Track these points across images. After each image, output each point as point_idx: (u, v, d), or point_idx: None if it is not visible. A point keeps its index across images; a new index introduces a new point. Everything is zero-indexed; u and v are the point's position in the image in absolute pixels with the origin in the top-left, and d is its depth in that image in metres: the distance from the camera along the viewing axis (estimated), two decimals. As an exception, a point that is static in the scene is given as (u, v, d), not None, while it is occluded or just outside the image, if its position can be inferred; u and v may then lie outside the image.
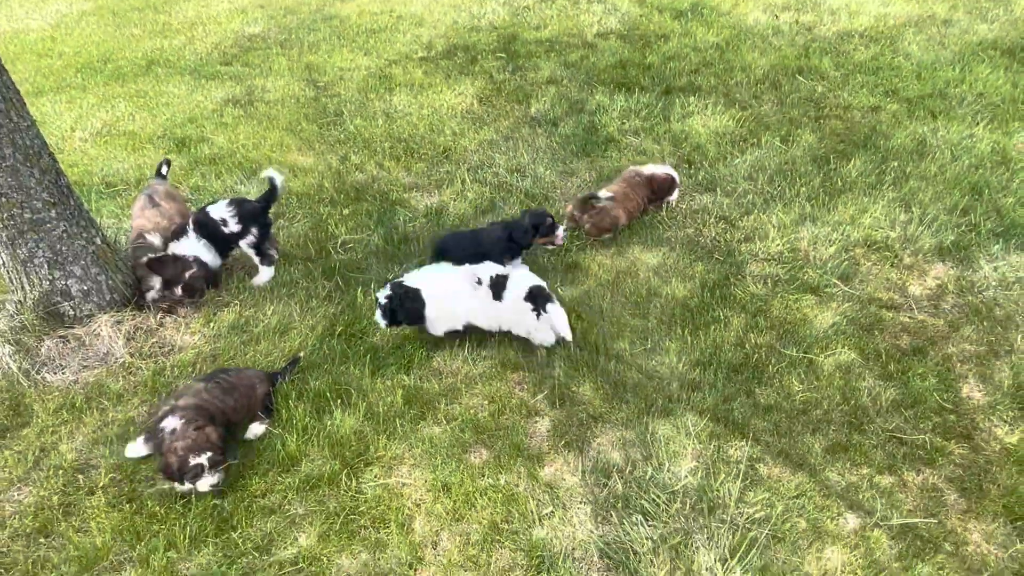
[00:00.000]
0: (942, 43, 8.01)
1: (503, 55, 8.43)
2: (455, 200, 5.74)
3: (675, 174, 5.40)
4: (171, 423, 3.37)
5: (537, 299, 3.96)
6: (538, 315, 3.96)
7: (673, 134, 6.49)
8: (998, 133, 6.06)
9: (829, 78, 7.36)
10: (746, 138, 6.34)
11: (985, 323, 4.20)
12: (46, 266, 4.05)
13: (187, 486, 3.26)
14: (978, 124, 6.17)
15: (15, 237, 3.90)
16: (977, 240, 4.85)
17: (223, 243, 4.76)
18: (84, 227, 4.17)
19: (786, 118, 6.64)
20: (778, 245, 4.94)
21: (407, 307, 3.99)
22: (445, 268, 4.17)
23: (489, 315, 4.09)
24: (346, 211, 5.67)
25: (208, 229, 4.66)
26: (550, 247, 4.95)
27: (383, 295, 4.00)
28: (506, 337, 4.28)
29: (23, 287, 4.09)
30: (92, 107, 7.74)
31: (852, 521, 3.19)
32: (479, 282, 4.04)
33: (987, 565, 2.98)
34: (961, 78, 7.07)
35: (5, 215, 3.81)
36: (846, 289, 4.55)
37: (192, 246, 4.53)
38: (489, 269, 4.11)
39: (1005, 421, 3.59)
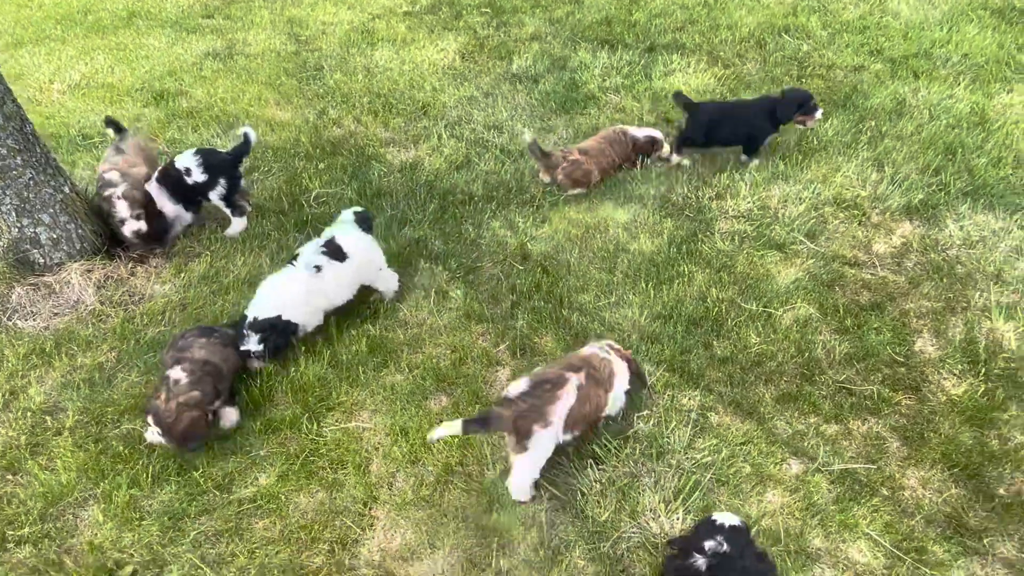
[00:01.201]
0: (932, 2, 7.89)
1: (488, 10, 8.32)
2: (430, 155, 5.74)
3: (657, 134, 5.39)
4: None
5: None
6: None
7: (653, 91, 6.45)
8: (979, 94, 6.02)
9: (815, 37, 7.28)
10: (726, 96, 6.30)
11: (945, 280, 4.24)
12: (14, 214, 4.08)
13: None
14: (959, 84, 6.12)
15: (-19, 184, 3.92)
16: (946, 199, 4.86)
17: (189, 194, 4.75)
18: (52, 175, 4.18)
19: (768, 77, 6.59)
20: (748, 203, 4.96)
21: (280, 338, 3.74)
22: (284, 274, 3.89)
23: (343, 287, 3.99)
24: (321, 165, 5.67)
25: (172, 179, 4.67)
26: (803, 126, 5.23)
27: (253, 342, 3.65)
28: (470, 288, 4.33)
29: (-8, 235, 4.12)
30: (71, 59, 7.67)
31: (795, 467, 3.28)
32: (318, 268, 3.82)
33: (921, 508, 3.08)
34: (948, 38, 6.99)
35: (-31, 162, 3.82)
36: (812, 246, 4.58)
37: (153, 194, 4.54)
38: (315, 249, 3.94)
39: (954, 374, 3.66)
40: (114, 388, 3.79)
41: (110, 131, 5.15)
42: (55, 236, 4.25)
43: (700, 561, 2.45)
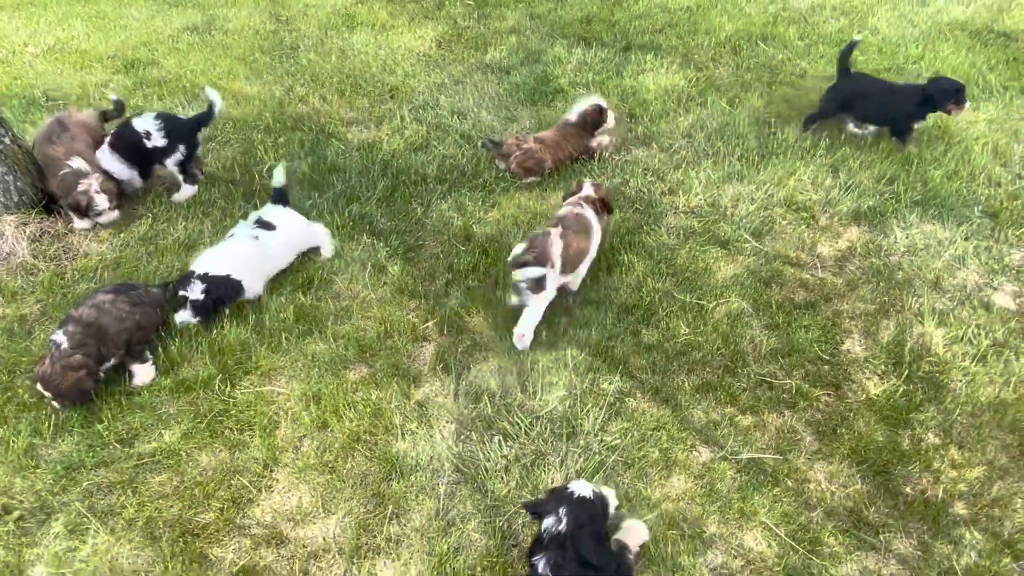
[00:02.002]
0: (911, 21, 7.91)
1: (471, 2, 8.33)
2: (390, 136, 5.72)
3: (602, 102, 5.34)
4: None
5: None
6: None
7: (623, 89, 6.44)
8: (944, 109, 6.01)
9: (791, 46, 7.28)
10: (694, 98, 6.30)
11: (882, 284, 4.22)
12: (-53, 159, 4.05)
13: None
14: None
15: (-86, 127, 3.89)
16: (896, 207, 4.84)
17: (145, 158, 4.72)
18: (-9, 122, 4.15)
19: (738, 82, 6.58)
20: (699, 199, 4.95)
21: (224, 293, 3.81)
22: (229, 241, 4.08)
23: (281, 253, 4.19)
24: (280, 139, 5.66)
25: (127, 142, 4.64)
26: (950, 115, 5.25)
27: (197, 290, 3.69)
28: (408, 265, 4.31)
29: (-75, 180, 4.09)
30: (49, 24, 7.68)
31: (705, 455, 3.25)
32: (256, 238, 4.04)
33: (823, 501, 3.05)
34: (921, 55, 6.99)
35: (-96, 103, 3.79)
36: (756, 244, 4.56)
37: (104, 159, 4.51)
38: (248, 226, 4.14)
39: (876, 374, 3.64)
40: (33, 339, 3.76)
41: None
42: (-9, 186, 4.21)
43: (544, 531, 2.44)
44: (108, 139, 4.62)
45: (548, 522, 2.44)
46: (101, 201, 4.32)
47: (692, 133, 5.75)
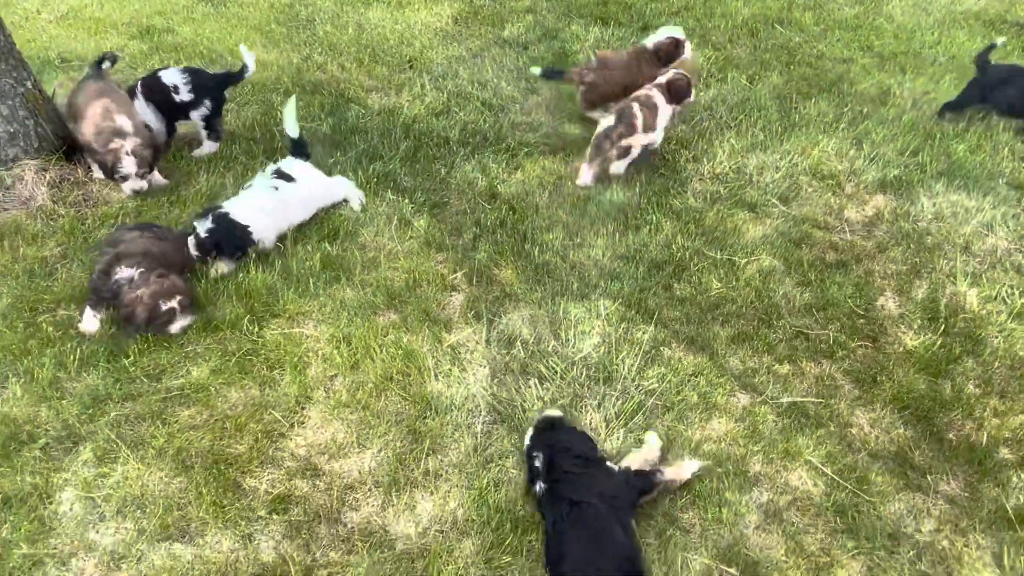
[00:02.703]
0: (926, 10, 7.95)
1: (486, -17, 8.30)
2: (410, 103, 5.67)
3: (679, 35, 5.27)
4: (126, 273, 3.30)
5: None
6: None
7: (642, 65, 6.41)
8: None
9: (808, 31, 7.30)
10: (714, 74, 6.29)
11: (912, 247, 4.19)
12: (-31, 101, 3.97)
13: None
14: (944, 80, 6.14)
15: (-62, 67, 3.82)
16: (921, 177, 4.83)
17: (172, 111, 4.66)
18: (14, 67, 4.09)
19: (757, 61, 6.58)
20: (724, 167, 4.92)
21: (233, 237, 3.78)
22: (247, 191, 4.07)
23: (301, 205, 4.17)
24: (300, 103, 5.58)
25: (157, 94, 4.57)
26: None
27: (205, 227, 3.71)
28: (434, 220, 4.26)
29: (-55, 122, 4.01)
30: (61, -7, 7.59)
31: (744, 399, 3.20)
32: (276, 188, 4.03)
33: (867, 444, 3.00)
34: (937, 41, 7.02)
35: (-74, 40, 3.72)
36: (783, 208, 4.53)
37: (140, 109, 4.45)
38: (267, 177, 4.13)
39: (912, 329, 3.60)
40: (54, 280, 3.67)
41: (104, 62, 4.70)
42: (12, 130, 4.14)
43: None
44: (139, 88, 4.55)
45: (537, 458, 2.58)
46: (128, 164, 4.16)
47: (713, 106, 5.73)
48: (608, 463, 2.67)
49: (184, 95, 4.60)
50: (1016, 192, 4.71)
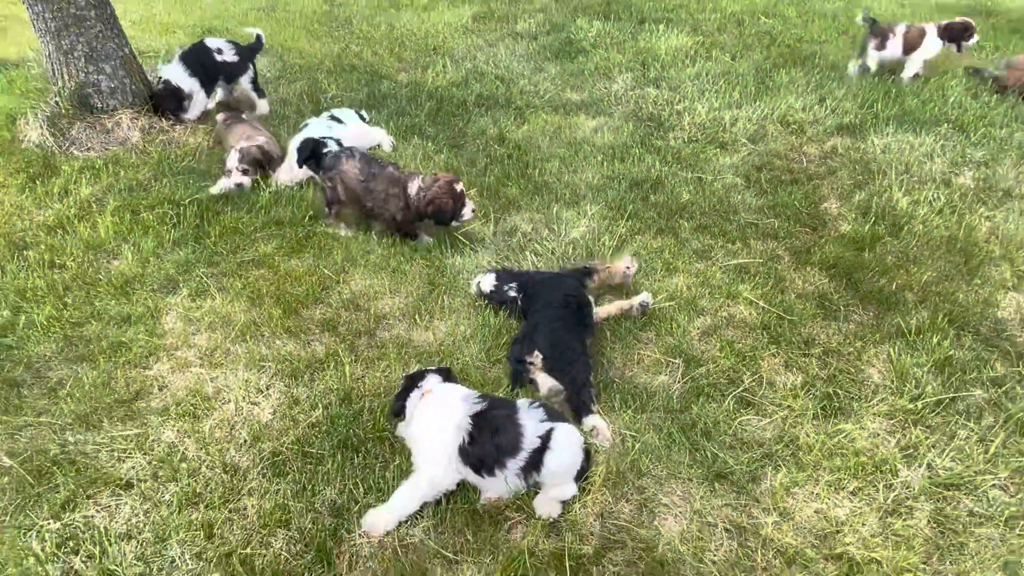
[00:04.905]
0: (900, 3, 8.76)
1: (503, -10, 9.33)
2: (434, 77, 6.61)
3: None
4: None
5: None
6: None
7: (638, 48, 7.30)
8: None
9: (790, 21, 8.14)
10: (700, 53, 7.13)
11: (857, 168, 4.93)
12: (83, 59, 4.97)
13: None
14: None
15: (60, 29, 4.83)
16: (874, 123, 5.57)
17: (212, 71, 5.52)
18: (116, 34, 5.09)
19: (741, 43, 7.43)
20: (703, 119, 5.72)
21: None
22: (309, 127, 4.94)
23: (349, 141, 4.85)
24: (340, 80, 6.56)
25: (196, 56, 5.46)
26: None
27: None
28: (452, 154, 5.12)
29: (63, 77, 5.01)
30: (134, 4, 8.78)
31: (699, 265, 3.95)
32: (330, 127, 4.94)
33: (796, 289, 3.72)
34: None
35: (54, 7, 4.74)
36: (751, 146, 5.31)
37: (172, 71, 5.34)
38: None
39: (847, 221, 4.33)
40: (149, 192, 4.59)
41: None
42: (113, 85, 5.13)
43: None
44: (179, 52, 5.48)
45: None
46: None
47: (698, 76, 6.56)
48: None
49: (228, 56, 5.53)
50: (958, 132, 5.42)
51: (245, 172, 4.62)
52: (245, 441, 2.86)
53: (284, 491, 2.64)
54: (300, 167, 4.52)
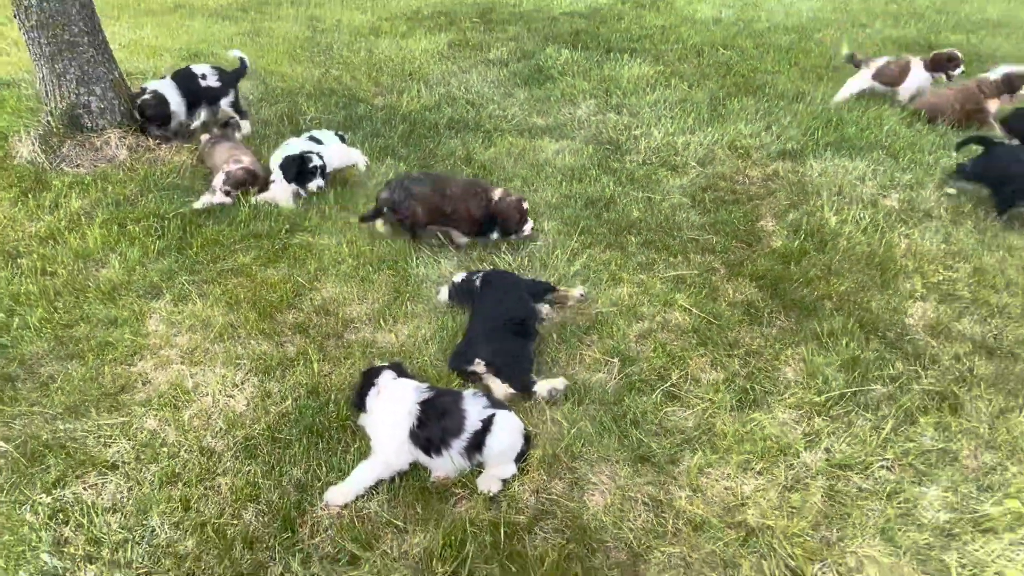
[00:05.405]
0: (853, 38, 9.34)
1: (478, 20, 9.82)
2: (409, 102, 7.01)
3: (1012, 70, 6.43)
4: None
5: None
6: None
7: (603, 76, 7.77)
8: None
9: (747, 53, 8.67)
10: (660, 82, 7.61)
11: (794, 190, 5.37)
12: (75, 82, 5.31)
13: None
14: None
15: (55, 53, 5.17)
16: (815, 148, 6.04)
17: (196, 95, 5.91)
18: (107, 59, 5.44)
19: (699, 73, 7.92)
20: (658, 143, 6.15)
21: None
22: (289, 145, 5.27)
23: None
24: (319, 103, 6.95)
25: (185, 79, 5.85)
26: None
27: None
28: (423, 170, 5.49)
29: (55, 98, 5.34)
30: (122, 28, 9.14)
31: (643, 276, 4.33)
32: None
33: (727, 298, 4.11)
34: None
35: (50, 34, 5.08)
36: (700, 168, 5.74)
37: (162, 86, 5.71)
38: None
39: (780, 238, 4.75)
40: (135, 206, 4.91)
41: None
42: (102, 106, 5.47)
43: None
44: (169, 74, 5.85)
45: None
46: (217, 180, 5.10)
47: (657, 103, 7.02)
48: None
49: (212, 81, 5.91)
50: (890, 157, 5.89)
51: (227, 193, 4.97)
52: (221, 428, 3.18)
53: (255, 471, 2.96)
54: (290, 183, 4.90)
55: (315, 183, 4.97)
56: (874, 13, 10.57)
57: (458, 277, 3.98)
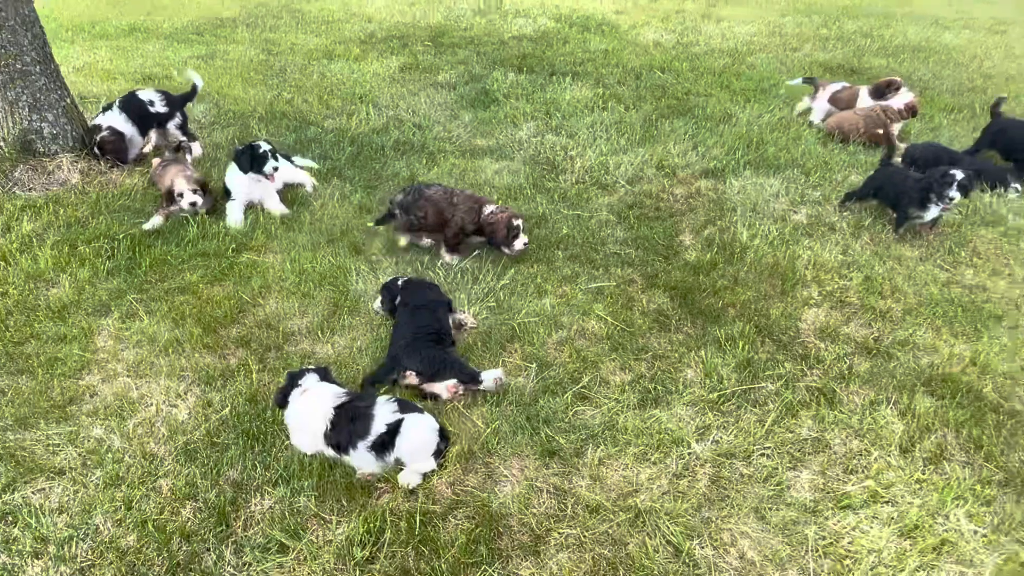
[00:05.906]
0: (783, 61, 9.94)
1: (429, 43, 10.20)
2: (357, 124, 7.32)
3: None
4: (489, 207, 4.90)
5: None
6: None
7: (544, 99, 8.18)
8: (788, 110, 7.84)
9: (683, 75, 9.18)
10: (599, 104, 8.05)
11: (713, 206, 5.81)
12: (27, 109, 5.52)
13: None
14: (777, 104, 7.96)
15: (7, 82, 5.38)
16: (736, 167, 6.50)
17: (146, 120, 6.18)
18: (59, 86, 5.66)
19: (636, 96, 8.39)
20: (591, 163, 6.56)
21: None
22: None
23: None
24: (270, 126, 7.22)
25: (134, 106, 6.10)
26: None
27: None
28: (366, 195, 5.80)
29: (7, 125, 5.54)
30: (77, 52, 9.30)
31: (566, 288, 4.69)
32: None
33: (640, 307, 4.49)
34: (780, 80, 8.91)
35: (2, 63, 5.29)
36: (628, 187, 6.15)
37: (112, 118, 5.95)
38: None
39: (695, 252, 5.16)
40: (86, 228, 5.13)
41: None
42: (55, 132, 5.68)
43: None
44: (118, 102, 6.08)
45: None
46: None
47: (594, 125, 7.44)
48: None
49: (159, 107, 6.17)
50: (803, 175, 6.37)
51: (195, 191, 5.23)
52: (163, 435, 3.43)
53: (194, 472, 3.22)
54: (246, 173, 5.15)
55: (270, 165, 5.16)
56: (805, 37, 11.21)
57: (387, 281, 4.32)
